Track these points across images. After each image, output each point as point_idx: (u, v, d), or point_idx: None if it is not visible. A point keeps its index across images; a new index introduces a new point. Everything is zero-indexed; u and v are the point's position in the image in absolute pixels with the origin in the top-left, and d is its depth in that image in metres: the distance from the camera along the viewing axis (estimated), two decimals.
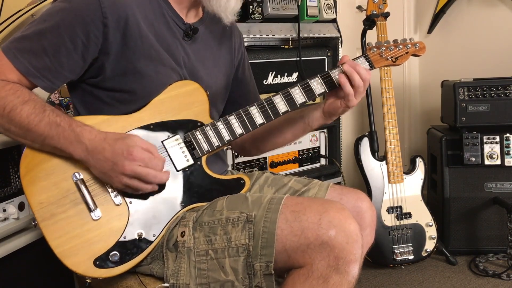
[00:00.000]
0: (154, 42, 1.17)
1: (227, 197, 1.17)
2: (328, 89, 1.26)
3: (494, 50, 2.73)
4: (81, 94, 1.20)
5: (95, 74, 1.15)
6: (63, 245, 1.07)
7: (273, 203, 1.09)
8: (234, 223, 1.08)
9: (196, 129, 1.19)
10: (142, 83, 1.16)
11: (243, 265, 1.06)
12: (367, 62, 1.31)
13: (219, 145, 1.20)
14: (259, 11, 2.08)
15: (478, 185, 2.35)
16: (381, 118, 2.26)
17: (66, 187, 1.10)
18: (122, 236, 1.10)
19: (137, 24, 1.14)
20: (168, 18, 1.22)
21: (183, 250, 1.10)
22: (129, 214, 1.11)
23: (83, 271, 1.07)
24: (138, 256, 1.11)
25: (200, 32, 1.29)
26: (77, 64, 1.11)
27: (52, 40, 1.08)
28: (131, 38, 1.13)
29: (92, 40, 1.09)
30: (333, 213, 1.04)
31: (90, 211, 1.09)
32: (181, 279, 1.09)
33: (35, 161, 1.10)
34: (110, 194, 1.11)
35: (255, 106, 1.23)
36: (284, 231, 1.05)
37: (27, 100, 1.06)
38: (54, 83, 1.12)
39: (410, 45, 1.37)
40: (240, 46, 1.47)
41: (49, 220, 1.08)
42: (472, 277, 2.23)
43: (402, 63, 1.37)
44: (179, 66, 1.23)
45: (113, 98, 1.17)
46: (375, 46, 1.34)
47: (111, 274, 1.09)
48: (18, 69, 1.07)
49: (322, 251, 1.02)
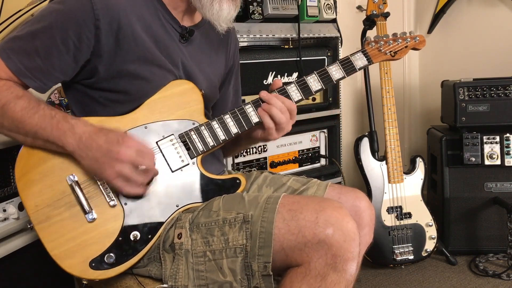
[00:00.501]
0: (150, 44, 1.17)
1: (223, 197, 1.17)
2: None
3: (494, 50, 2.73)
4: (75, 94, 1.20)
5: (89, 75, 1.15)
6: (59, 247, 1.08)
7: (270, 202, 1.09)
8: (231, 223, 1.08)
9: (190, 129, 1.19)
10: (136, 85, 1.16)
11: (241, 265, 1.06)
12: (365, 57, 1.31)
13: (214, 145, 1.20)
14: (259, 11, 2.09)
15: (478, 185, 2.35)
16: (381, 118, 2.26)
17: (61, 189, 1.10)
18: (118, 237, 1.10)
19: (131, 26, 1.13)
20: (163, 20, 1.22)
21: (181, 252, 1.09)
22: (124, 216, 1.11)
23: (79, 273, 1.08)
24: (134, 257, 1.11)
25: (196, 35, 1.29)
26: (68, 65, 1.11)
27: (45, 41, 1.08)
28: (125, 41, 1.13)
29: (84, 42, 1.09)
30: (330, 211, 1.04)
31: (85, 213, 1.09)
32: (180, 281, 1.09)
33: (30, 164, 1.10)
34: (105, 196, 1.11)
35: (251, 104, 1.23)
36: (282, 230, 1.05)
37: (21, 96, 1.07)
38: (45, 83, 1.12)
39: (410, 39, 1.35)
40: (235, 52, 1.48)
41: (44, 222, 1.08)
42: (472, 277, 2.23)
43: (401, 57, 1.35)
44: (176, 67, 1.23)
45: (108, 99, 1.17)
46: (373, 40, 1.32)
47: (107, 276, 1.09)
48: (10, 68, 1.08)
49: (319, 250, 1.02)
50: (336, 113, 2.46)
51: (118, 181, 1.06)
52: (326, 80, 1.27)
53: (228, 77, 1.47)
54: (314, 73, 1.26)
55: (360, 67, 1.30)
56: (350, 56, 1.30)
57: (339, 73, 1.28)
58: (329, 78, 1.27)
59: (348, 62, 1.29)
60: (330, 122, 2.45)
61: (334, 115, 2.46)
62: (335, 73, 1.28)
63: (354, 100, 3.10)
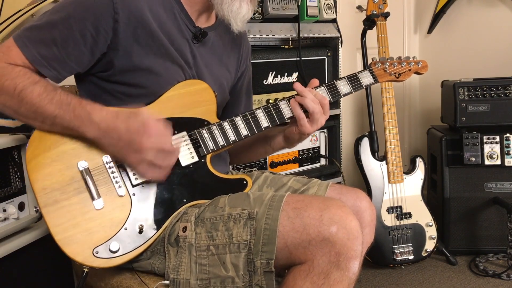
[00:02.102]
0: (164, 40, 1.18)
1: (229, 195, 1.18)
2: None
3: (494, 50, 2.74)
4: (88, 86, 1.21)
5: (104, 68, 1.16)
6: (64, 232, 1.07)
7: (274, 200, 1.09)
8: (236, 219, 1.09)
9: (202, 127, 1.20)
10: (150, 79, 1.18)
11: (244, 261, 1.06)
12: (371, 75, 1.35)
13: (224, 144, 1.21)
14: (259, 11, 2.09)
15: (478, 185, 2.35)
16: (381, 118, 2.26)
17: (70, 175, 1.10)
18: (123, 227, 1.10)
19: (148, 21, 1.15)
20: (179, 18, 1.23)
21: (184, 245, 1.10)
22: (132, 206, 1.12)
23: (82, 260, 1.07)
24: (138, 248, 1.11)
25: (210, 37, 1.30)
26: (84, 57, 1.12)
27: (62, 31, 1.09)
28: (142, 35, 1.14)
29: (101, 34, 1.11)
30: (334, 209, 1.05)
31: (92, 200, 1.10)
32: (182, 274, 1.09)
33: (41, 147, 1.11)
34: (114, 185, 1.12)
35: (261, 109, 1.25)
36: (286, 228, 1.05)
37: (38, 81, 1.08)
38: (61, 73, 1.13)
39: (413, 63, 1.41)
40: (247, 57, 1.48)
41: (51, 206, 1.08)
42: (472, 277, 2.23)
43: (405, 79, 1.41)
44: (187, 65, 1.24)
45: (121, 92, 1.18)
46: (379, 61, 1.38)
47: (109, 265, 1.09)
48: (27, 57, 1.08)
49: (323, 247, 1.02)
50: (336, 113, 2.46)
51: (142, 167, 1.08)
52: (334, 93, 1.30)
53: (240, 80, 1.47)
54: (323, 86, 1.29)
55: (366, 85, 1.34)
56: (358, 73, 1.33)
57: (346, 88, 1.32)
58: (337, 92, 1.30)
59: (355, 78, 1.33)
60: (330, 122, 2.45)
61: (334, 115, 2.46)
62: (343, 87, 1.31)
63: (354, 100, 3.10)
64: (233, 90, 1.46)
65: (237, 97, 1.48)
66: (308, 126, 1.24)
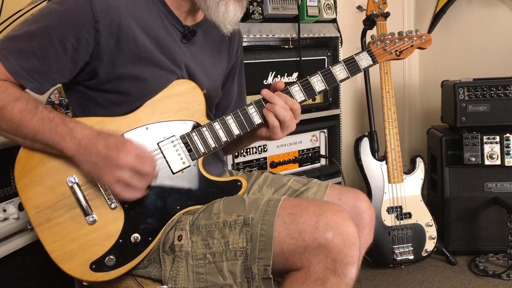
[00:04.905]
0: (150, 46, 1.15)
1: (223, 199, 1.16)
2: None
3: (494, 50, 2.73)
4: (76, 95, 1.19)
5: (89, 77, 1.14)
6: (59, 249, 1.08)
7: (270, 205, 1.08)
8: (231, 226, 1.08)
9: (192, 130, 1.18)
10: (137, 86, 1.15)
11: (241, 268, 1.06)
12: (370, 57, 1.29)
13: (216, 146, 1.19)
14: (259, 11, 2.08)
15: (478, 185, 2.35)
16: (381, 118, 2.26)
17: (61, 191, 1.09)
18: (118, 239, 1.10)
19: (131, 28, 1.12)
20: (165, 20, 1.20)
21: (181, 254, 1.09)
22: (125, 218, 1.11)
23: (80, 275, 1.08)
24: (134, 259, 1.11)
25: (198, 35, 1.27)
26: (66, 67, 1.10)
27: (42, 42, 1.06)
28: (125, 43, 1.11)
29: (82, 44, 1.08)
30: (330, 215, 1.04)
31: (85, 215, 1.09)
32: (180, 283, 1.08)
33: (29, 165, 1.10)
34: (106, 198, 1.10)
35: (253, 105, 1.22)
36: (282, 234, 1.04)
37: (19, 98, 1.05)
38: (42, 84, 1.10)
39: (416, 38, 1.32)
40: (238, 50, 1.46)
41: (44, 224, 1.08)
42: (472, 277, 2.23)
43: (406, 56, 1.32)
44: (178, 67, 1.21)
45: (108, 100, 1.16)
46: (378, 39, 1.30)
47: (107, 278, 1.09)
48: (7, 69, 1.06)
49: (319, 254, 1.01)
50: (336, 113, 2.46)
51: (117, 187, 1.05)
52: (330, 80, 1.25)
53: (231, 74, 1.45)
54: (318, 73, 1.25)
55: (364, 67, 1.29)
56: (355, 55, 1.28)
57: (343, 73, 1.26)
58: (333, 79, 1.25)
59: (352, 61, 1.28)
60: (330, 122, 2.45)
61: (334, 115, 2.46)
62: (339, 73, 1.26)
63: (354, 100, 3.10)
64: (224, 84, 1.44)
65: (228, 92, 1.46)
66: (280, 133, 1.23)
